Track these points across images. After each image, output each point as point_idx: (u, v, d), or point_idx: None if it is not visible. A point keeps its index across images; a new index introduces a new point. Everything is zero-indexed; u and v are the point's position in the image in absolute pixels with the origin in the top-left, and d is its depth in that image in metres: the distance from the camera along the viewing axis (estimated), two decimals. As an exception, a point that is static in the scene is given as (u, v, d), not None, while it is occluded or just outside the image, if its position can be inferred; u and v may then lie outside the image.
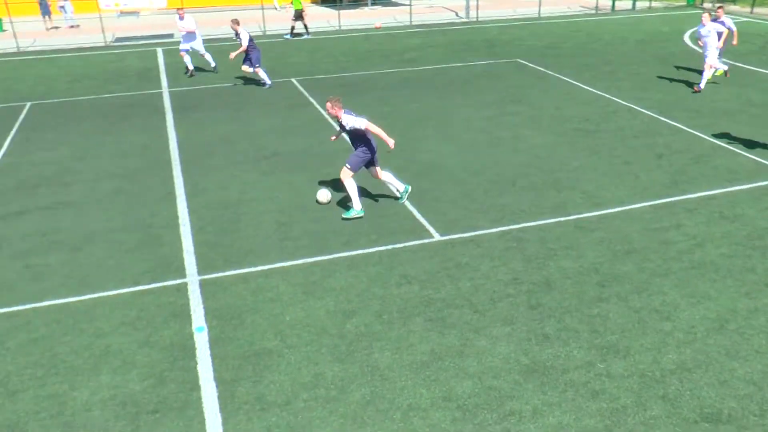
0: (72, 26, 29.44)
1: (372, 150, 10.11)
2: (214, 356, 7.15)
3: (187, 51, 19.74)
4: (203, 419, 6.29)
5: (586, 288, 8.20)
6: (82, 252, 9.53)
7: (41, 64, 22.55)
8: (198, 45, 19.97)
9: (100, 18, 26.44)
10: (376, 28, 27.97)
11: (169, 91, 18.30)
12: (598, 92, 16.94)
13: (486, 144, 13.36)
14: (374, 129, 9.80)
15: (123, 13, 32.25)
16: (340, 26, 28.43)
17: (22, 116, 16.35)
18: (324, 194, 10.71)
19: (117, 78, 20.11)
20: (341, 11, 29.44)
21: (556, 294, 8.08)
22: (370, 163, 10.33)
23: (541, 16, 30.36)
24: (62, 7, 29.27)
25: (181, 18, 19.40)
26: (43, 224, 10.47)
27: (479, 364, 6.90)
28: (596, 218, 10.01)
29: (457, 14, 31.34)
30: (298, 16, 25.81)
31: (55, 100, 17.74)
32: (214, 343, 7.37)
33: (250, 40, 17.75)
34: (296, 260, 9.04)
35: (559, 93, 17.03)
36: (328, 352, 7.16)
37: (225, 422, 6.24)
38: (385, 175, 10.62)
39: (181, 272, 8.84)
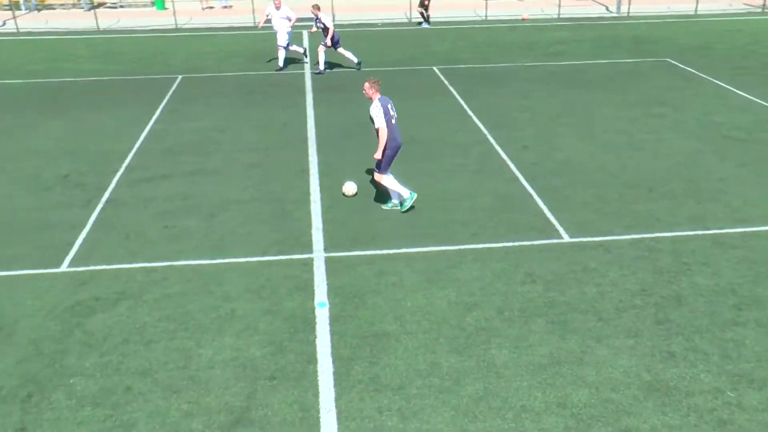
0: (225, 6, 30.88)
1: (394, 143, 9.70)
2: (333, 332, 7.33)
3: (287, 45, 18.90)
4: (317, 392, 6.47)
5: (721, 309, 7.70)
6: (217, 219, 10.03)
7: (194, 41, 23.85)
8: (282, 39, 18.74)
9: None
10: (523, 20, 27.43)
11: (311, 72, 18.82)
12: (755, 99, 15.79)
13: (625, 146, 12.81)
14: (381, 137, 9.49)
15: (274, -5, 33.36)
16: (486, 16, 28.09)
17: (173, 88, 17.38)
18: (350, 187, 10.62)
19: (263, 57, 20.90)
20: (489, 1, 29.05)
21: (687, 311, 7.65)
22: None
23: (698, 13, 28.64)
24: (215, -12, 30.81)
25: (278, 8, 18.48)
26: (184, 189, 11.10)
27: (598, 374, 6.66)
28: (739, 235, 9.36)
29: (607, 8, 30.15)
30: (423, 3, 25.77)
31: (204, 75, 18.71)
32: (334, 319, 7.56)
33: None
34: (422, 247, 9.08)
35: (709, 97, 16.03)
36: (445, 342, 7.15)
37: (338, 397, 6.38)
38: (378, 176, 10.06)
39: (308, 247, 9.11)
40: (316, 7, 18.41)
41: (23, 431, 6.13)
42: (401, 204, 10.06)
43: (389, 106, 9.62)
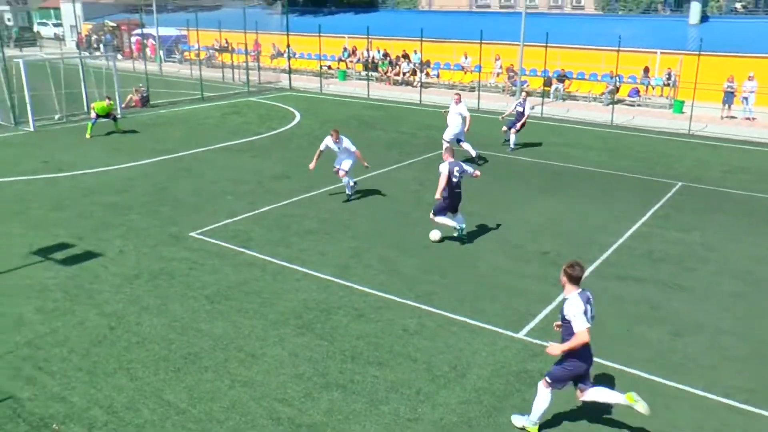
0: (748, 118, 29.18)
1: (454, 192, 12.51)
2: None
3: (458, 141, 19.14)
4: None
5: None
6: (683, 340, 9.46)
7: (703, 149, 22.96)
8: (448, 134, 19.05)
9: (780, 115, 25.53)
10: None
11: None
12: None
13: None
14: (440, 185, 12.42)
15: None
16: None
17: (670, 193, 17.03)
18: (435, 234, 12.85)
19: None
20: None
21: None
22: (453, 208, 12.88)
23: None
24: (745, 98, 29.20)
25: (456, 102, 18.71)
26: (655, 298, 10.77)
27: None
28: None
29: None
30: None
31: (705, 186, 17.86)
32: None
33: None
34: None
35: None
36: None
37: None
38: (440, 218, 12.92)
39: (779, 407, 7.95)
40: (524, 96, 21.28)
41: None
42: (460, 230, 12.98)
43: (456, 168, 12.44)
